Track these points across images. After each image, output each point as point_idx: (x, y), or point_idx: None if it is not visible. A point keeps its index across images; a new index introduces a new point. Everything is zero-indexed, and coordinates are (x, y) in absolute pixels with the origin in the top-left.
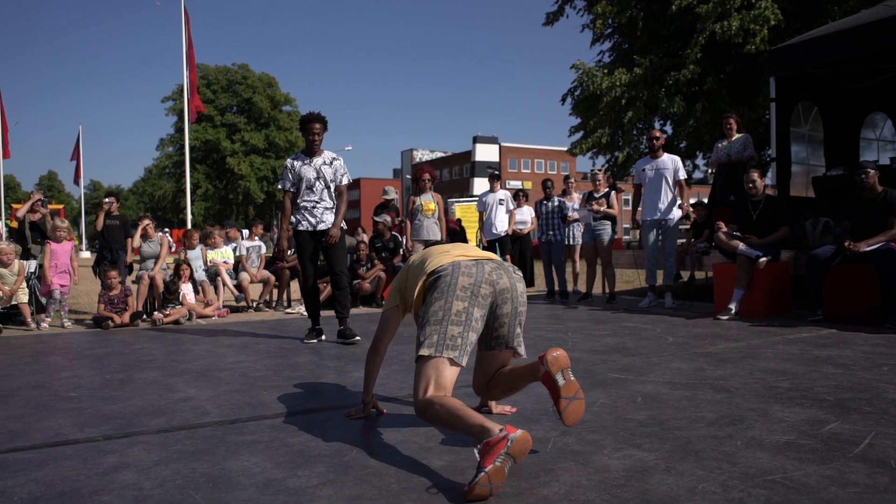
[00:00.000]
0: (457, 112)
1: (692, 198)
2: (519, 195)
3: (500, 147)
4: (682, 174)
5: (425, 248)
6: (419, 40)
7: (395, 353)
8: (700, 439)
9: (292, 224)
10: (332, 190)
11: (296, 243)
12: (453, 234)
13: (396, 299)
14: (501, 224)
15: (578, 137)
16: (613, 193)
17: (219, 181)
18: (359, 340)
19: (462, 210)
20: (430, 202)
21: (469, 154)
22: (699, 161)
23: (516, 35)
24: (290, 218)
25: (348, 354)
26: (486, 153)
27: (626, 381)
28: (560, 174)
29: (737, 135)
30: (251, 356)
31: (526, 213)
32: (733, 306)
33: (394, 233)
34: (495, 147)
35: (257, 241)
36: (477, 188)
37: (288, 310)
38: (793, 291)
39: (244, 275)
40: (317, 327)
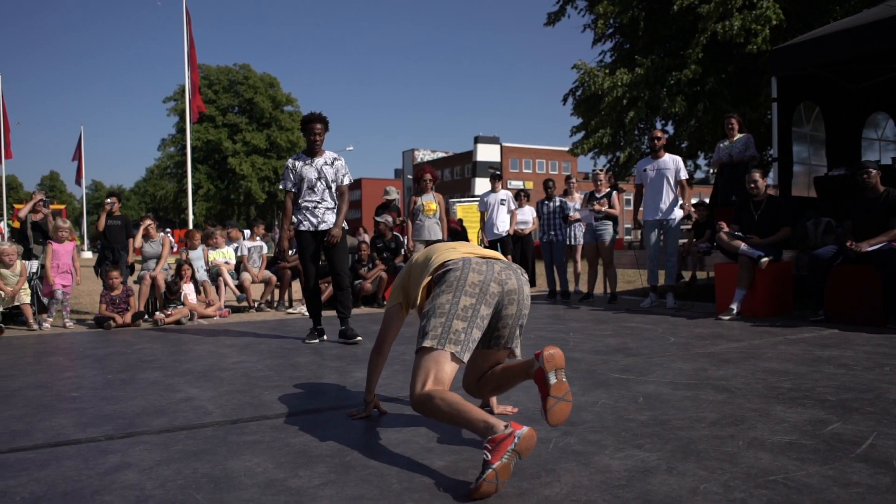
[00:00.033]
0: (458, 112)
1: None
2: (520, 195)
3: (502, 147)
4: (684, 174)
5: (427, 247)
6: (420, 40)
7: (397, 354)
8: (702, 440)
9: (293, 224)
10: (334, 190)
11: (297, 243)
12: (454, 234)
13: (400, 297)
14: (503, 224)
15: (580, 137)
16: (615, 193)
17: (220, 181)
18: (360, 341)
19: (463, 210)
20: (432, 202)
21: (470, 154)
22: (701, 161)
23: (518, 35)
24: (292, 218)
25: (350, 355)
26: (488, 153)
27: (628, 382)
28: (561, 174)
29: (738, 135)
30: (253, 356)
31: (527, 214)
32: (735, 306)
33: (395, 233)
34: (496, 147)
35: (259, 242)
36: (478, 188)
37: (289, 310)
38: (794, 291)
39: (246, 275)
40: (318, 327)
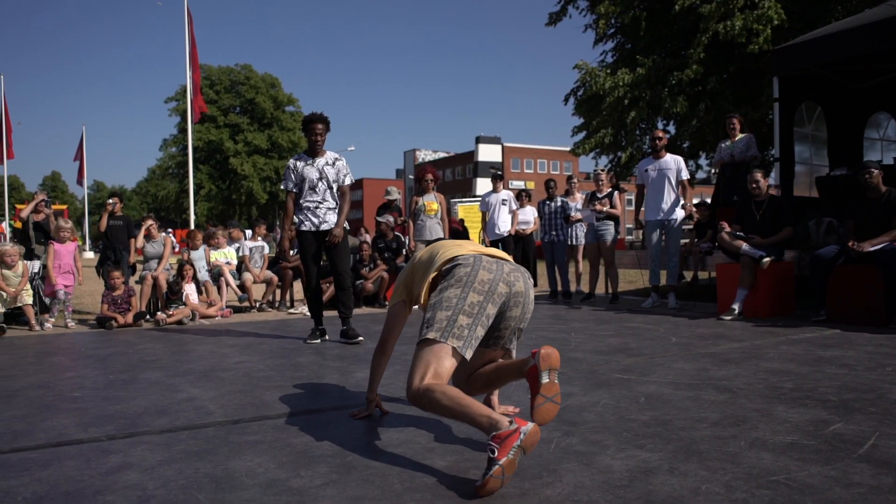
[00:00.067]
0: (459, 112)
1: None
2: (522, 195)
3: (503, 147)
4: (685, 174)
5: (430, 245)
6: (422, 41)
7: (399, 354)
8: (703, 440)
9: (295, 224)
10: (335, 190)
11: (299, 244)
12: (456, 235)
13: (403, 294)
14: (504, 224)
15: (581, 137)
16: (616, 193)
17: (222, 182)
18: (362, 341)
19: (465, 210)
20: (433, 202)
21: (472, 154)
22: (702, 161)
23: (519, 35)
24: (293, 218)
25: (351, 355)
26: (489, 153)
27: (630, 382)
28: (563, 174)
29: (740, 135)
30: (254, 356)
31: (529, 214)
32: (737, 306)
33: (396, 233)
34: (498, 147)
35: (260, 242)
36: (480, 188)
37: (291, 310)
38: (796, 292)
39: (247, 275)
40: (320, 327)
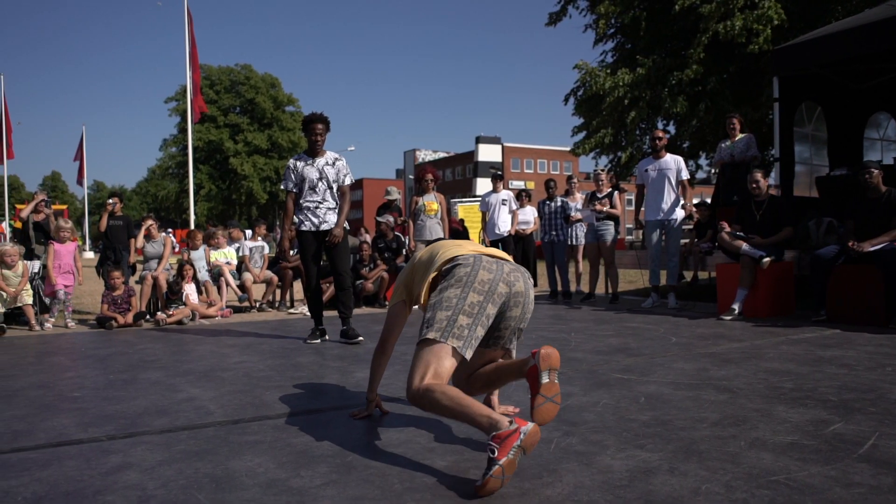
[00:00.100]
0: (459, 112)
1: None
2: (522, 195)
3: (503, 147)
4: (685, 174)
5: (430, 245)
6: (422, 40)
7: (399, 354)
8: (703, 440)
9: (295, 224)
10: (335, 190)
11: (299, 244)
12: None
13: (403, 294)
14: (504, 224)
15: (581, 137)
16: (616, 193)
17: (222, 182)
18: (362, 341)
19: (465, 210)
20: (433, 202)
21: (472, 154)
22: (702, 161)
23: (519, 35)
24: (293, 218)
25: (351, 355)
26: (489, 153)
27: (630, 382)
28: (563, 174)
29: (740, 135)
30: (254, 356)
31: (529, 214)
32: (737, 306)
33: (396, 233)
34: (498, 147)
35: (260, 242)
36: (480, 188)
37: (291, 310)
38: (796, 292)
39: (247, 275)
40: (320, 327)
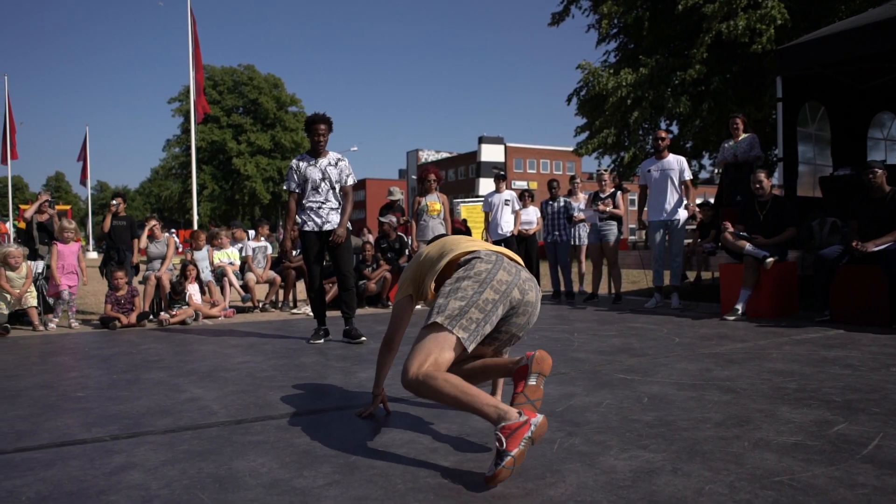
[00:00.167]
0: (462, 112)
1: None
2: (524, 195)
3: (506, 147)
4: (688, 175)
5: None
6: (424, 41)
7: (402, 354)
8: (707, 440)
9: (298, 224)
10: (338, 190)
11: (301, 244)
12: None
13: (409, 289)
14: (507, 224)
15: (584, 138)
16: (619, 194)
17: (225, 182)
18: (365, 341)
19: (468, 210)
20: (436, 203)
21: (474, 154)
22: (705, 161)
23: (522, 35)
24: (296, 218)
25: (354, 355)
26: (492, 153)
27: (633, 382)
28: (566, 174)
29: (743, 135)
30: (257, 356)
31: (531, 214)
32: (740, 307)
33: (399, 233)
34: (501, 147)
35: (263, 242)
36: (482, 188)
37: (294, 310)
38: (800, 292)
39: (250, 275)
40: (323, 328)
